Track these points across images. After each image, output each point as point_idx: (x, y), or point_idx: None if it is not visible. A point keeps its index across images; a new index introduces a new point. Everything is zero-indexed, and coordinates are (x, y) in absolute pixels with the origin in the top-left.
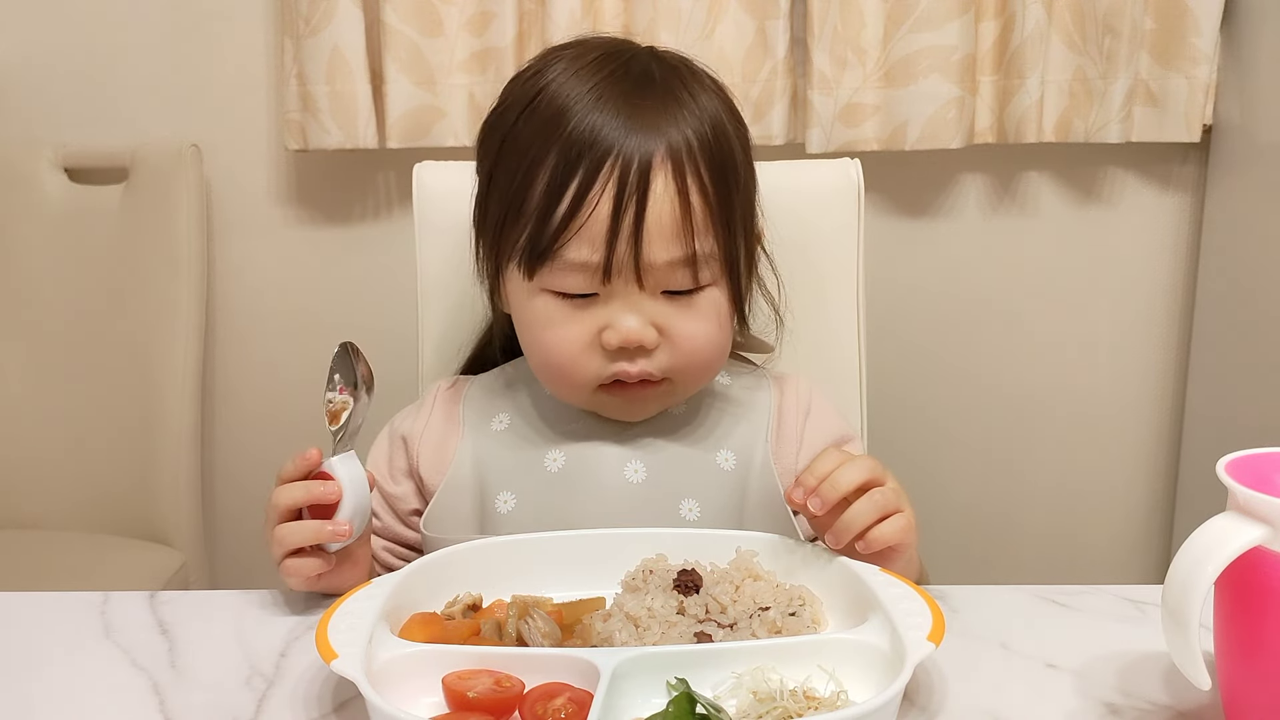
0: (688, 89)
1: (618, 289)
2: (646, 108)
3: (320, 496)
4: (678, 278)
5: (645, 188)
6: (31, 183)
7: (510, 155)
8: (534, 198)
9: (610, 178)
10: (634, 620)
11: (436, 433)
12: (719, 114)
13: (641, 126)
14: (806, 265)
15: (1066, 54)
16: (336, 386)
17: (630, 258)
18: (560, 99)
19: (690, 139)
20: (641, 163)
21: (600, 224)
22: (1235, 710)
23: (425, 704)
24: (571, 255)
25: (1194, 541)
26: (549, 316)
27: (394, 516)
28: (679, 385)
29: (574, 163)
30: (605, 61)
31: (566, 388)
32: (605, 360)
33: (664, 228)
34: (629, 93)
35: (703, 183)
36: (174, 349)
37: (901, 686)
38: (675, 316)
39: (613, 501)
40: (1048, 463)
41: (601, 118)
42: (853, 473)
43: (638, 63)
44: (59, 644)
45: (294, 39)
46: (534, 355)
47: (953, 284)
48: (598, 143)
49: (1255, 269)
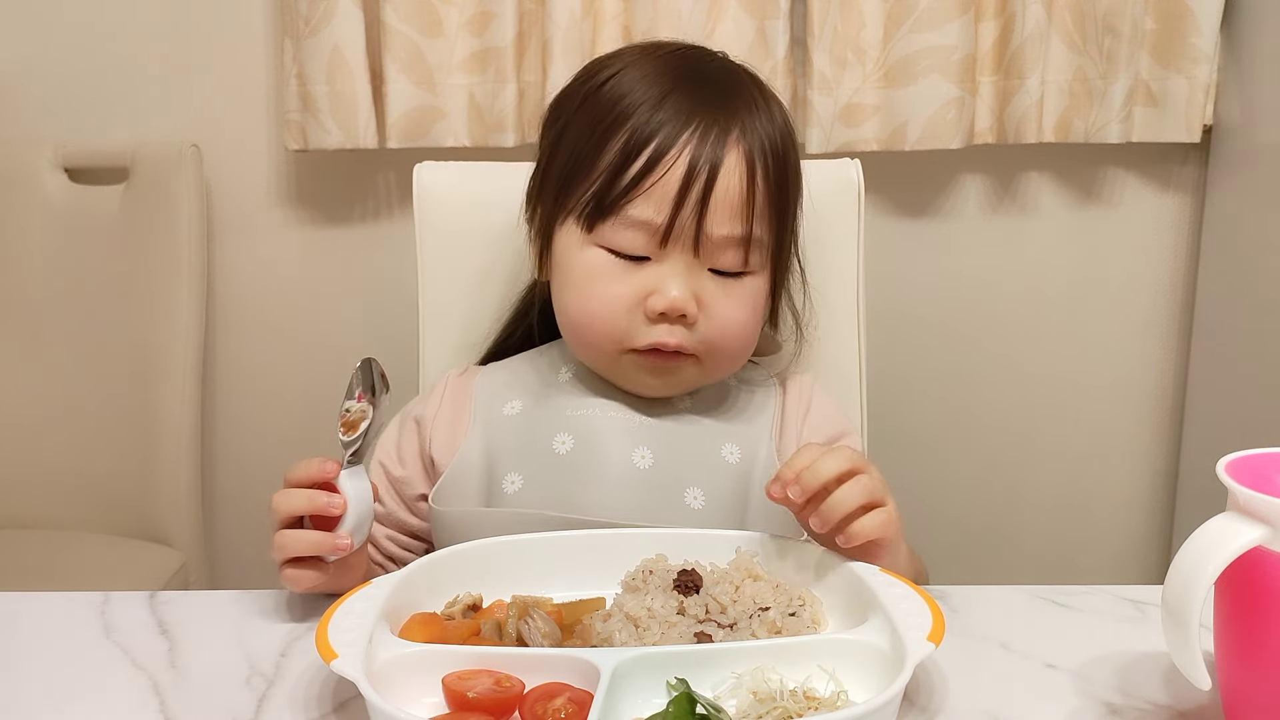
0: (764, 97)
1: (672, 255)
2: (727, 96)
3: (323, 509)
4: (730, 256)
5: (718, 161)
6: (31, 183)
7: (587, 116)
8: (608, 154)
9: (688, 146)
10: (634, 620)
11: (449, 416)
12: (787, 127)
13: (722, 110)
14: (807, 265)
15: (1066, 54)
16: (355, 395)
17: (693, 225)
18: (646, 75)
19: (762, 135)
20: (719, 138)
21: (671, 186)
22: (1235, 710)
23: (425, 704)
24: (637, 213)
25: (1194, 541)
26: (600, 272)
27: (399, 502)
28: (706, 365)
29: (656, 127)
30: (685, 56)
31: (598, 346)
32: (645, 325)
33: (730, 202)
34: (711, 83)
35: (769, 175)
36: (174, 349)
37: (901, 686)
38: (719, 295)
39: (619, 486)
40: (1048, 462)
41: (685, 95)
42: (833, 462)
43: (717, 64)
44: (59, 644)
45: (294, 39)
46: (572, 309)
47: (953, 284)
48: (680, 113)
49: (1255, 269)
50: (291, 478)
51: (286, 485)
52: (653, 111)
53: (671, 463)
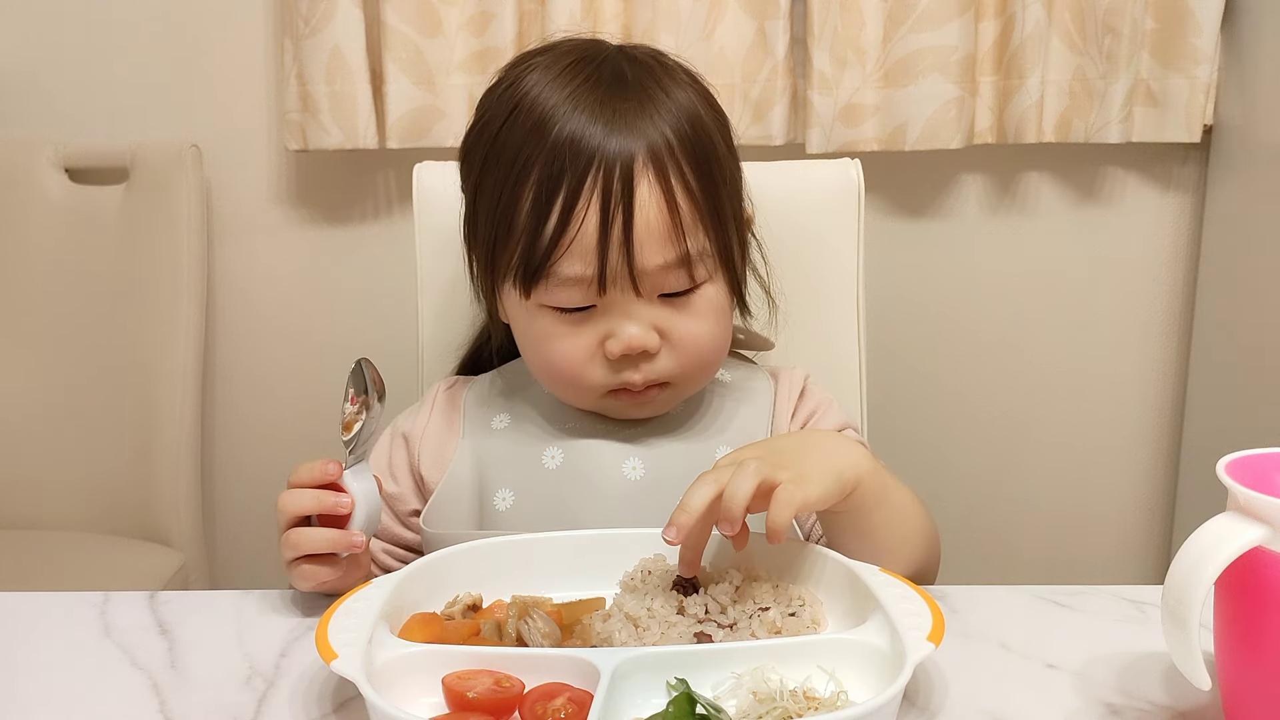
0: (661, 86)
1: (615, 299)
2: (622, 111)
3: (331, 508)
4: (673, 280)
5: (630, 195)
6: (31, 183)
7: (494, 171)
8: (521, 215)
9: (595, 189)
10: (634, 620)
11: (437, 432)
12: (695, 107)
13: (619, 131)
14: (806, 265)
15: (1066, 54)
16: (349, 397)
17: (624, 266)
18: (538, 110)
19: (669, 137)
20: (624, 169)
21: (589, 237)
22: (1235, 710)
23: (425, 704)
24: (565, 271)
25: (1194, 541)
26: (550, 332)
27: (393, 517)
28: (682, 386)
29: (557, 177)
30: (578, 67)
31: (574, 395)
32: (610, 370)
33: (653, 232)
34: (604, 98)
35: (686, 180)
36: (174, 349)
37: (901, 686)
38: (675, 319)
39: (611, 498)
40: (1048, 462)
41: (580, 126)
42: (706, 484)
43: (609, 65)
44: (59, 644)
45: (294, 39)
46: (539, 367)
47: (953, 284)
48: (579, 154)
49: (1255, 269)
50: (295, 480)
51: (290, 487)
52: (551, 160)
53: (663, 471)
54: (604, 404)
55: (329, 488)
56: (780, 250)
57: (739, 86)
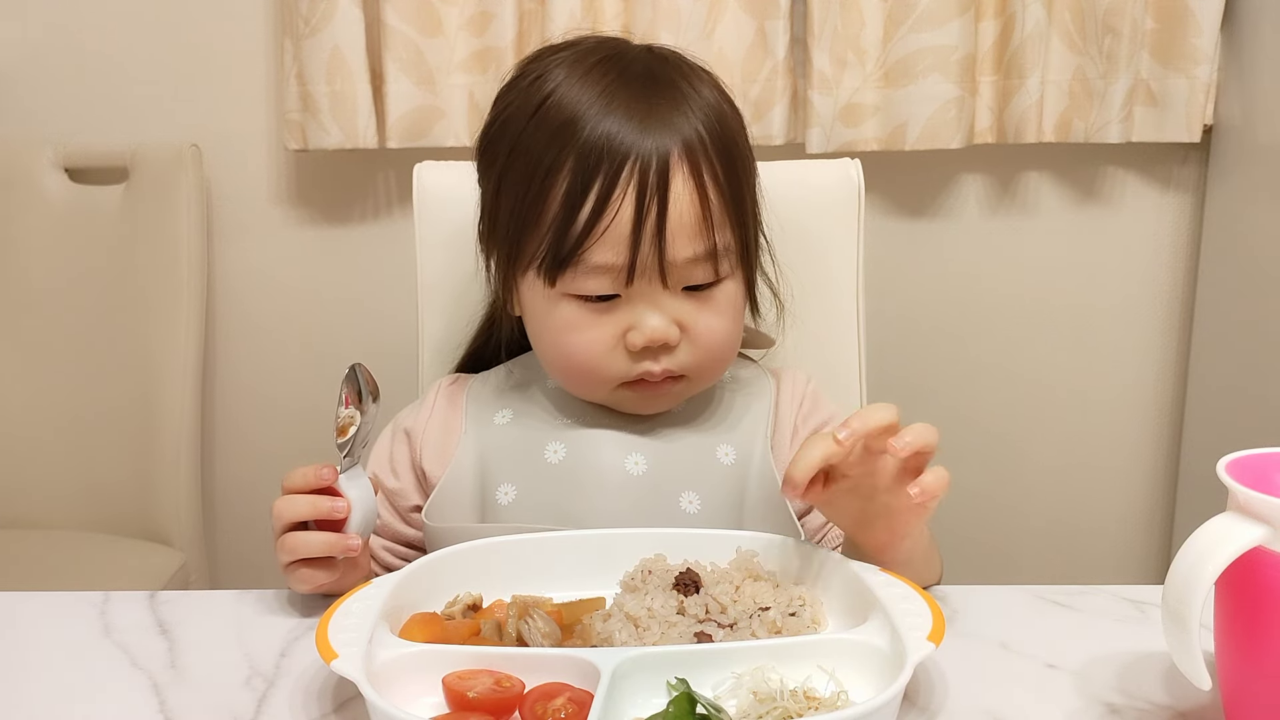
0: (689, 83)
1: (640, 289)
2: (657, 106)
3: (327, 513)
4: (699, 272)
5: (666, 188)
6: (31, 183)
7: (520, 164)
8: (552, 206)
9: (631, 181)
10: (634, 620)
11: (439, 427)
12: (720, 104)
13: (654, 127)
14: (807, 265)
15: (1066, 54)
16: (344, 401)
17: (654, 258)
18: (569, 105)
19: (701, 132)
20: (660, 163)
21: (624, 227)
22: (1235, 710)
23: (425, 704)
24: (596, 259)
25: (1194, 541)
26: (571, 321)
27: (394, 513)
28: (695, 380)
29: (593, 169)
30: (607, 64)
31: (587, 387)
32: (630, 361)
33: (686, 225)
34: (638, 94)
35: (717, 175)
36: (174, 349)
37: (901, 686)
38: (696, 312)
39: (613, 493)
40: (1048, 462)
41: (615, 122)
42: (881, 412)
43: (639, 62)
44: (59, 644)
45: (294, 39)
46: (554, 358)
47: (953, 284)
48: (615, 147)
49: (1255, 269)
50: (290, 485)
51: (285, 493)
52: (586, 154)
53: (665, 468)
54: (615, 397)
55: (324, 492)
56: (780, 250)
57: (739, 86)
